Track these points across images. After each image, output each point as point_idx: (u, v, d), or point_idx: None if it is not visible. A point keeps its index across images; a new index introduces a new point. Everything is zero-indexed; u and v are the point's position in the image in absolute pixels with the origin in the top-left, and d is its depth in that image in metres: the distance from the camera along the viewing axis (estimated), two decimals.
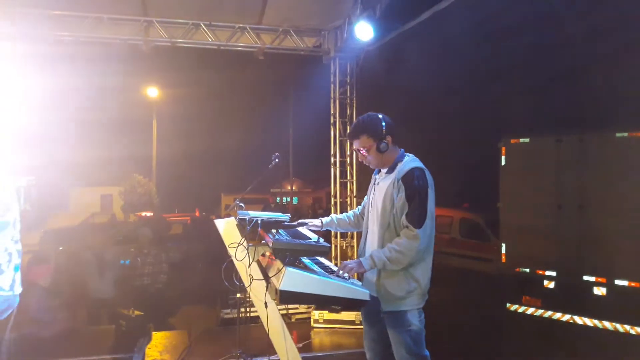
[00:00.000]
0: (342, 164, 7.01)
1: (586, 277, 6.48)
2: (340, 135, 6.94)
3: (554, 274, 6.85)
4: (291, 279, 2.53)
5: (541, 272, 6.96)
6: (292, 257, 2.69)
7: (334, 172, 6.99)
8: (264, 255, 3.08)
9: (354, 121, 4.57)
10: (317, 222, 3.36)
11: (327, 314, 6.18)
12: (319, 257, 3.05)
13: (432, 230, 2.85)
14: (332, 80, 6.97)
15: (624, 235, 6.15)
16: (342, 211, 6.54)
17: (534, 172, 7.18)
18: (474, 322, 6.62)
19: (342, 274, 2.72)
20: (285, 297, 2.54)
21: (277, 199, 29.10)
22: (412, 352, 2.83)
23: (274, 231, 2.86)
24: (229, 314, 6.37)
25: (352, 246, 6.91)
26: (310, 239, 2.91)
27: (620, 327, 5.92)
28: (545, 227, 6.89)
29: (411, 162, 2.94)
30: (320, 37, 6.84)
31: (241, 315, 4.87)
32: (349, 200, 6.99)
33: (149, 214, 18.80)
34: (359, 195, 6.82)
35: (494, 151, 7.62)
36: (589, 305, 6.37)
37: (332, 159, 7.00)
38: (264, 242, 2.90)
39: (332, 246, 6.80)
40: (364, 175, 6.75)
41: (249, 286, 3.08)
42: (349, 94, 6.96)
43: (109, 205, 24.34)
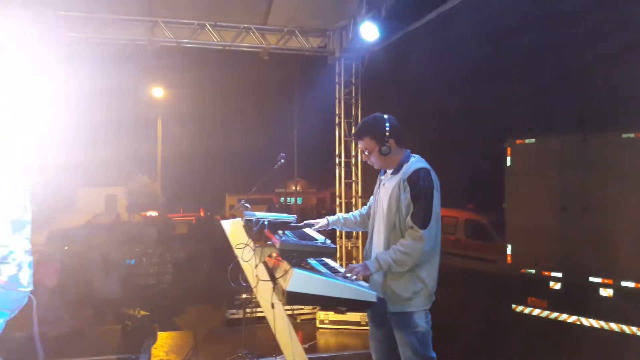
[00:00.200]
0: (347, 165, 7.00)
1: (592, 279, 6.45)
2: (345, 135, 6.94)
3: (560, 275, 6.82)
4: (298, 280, 2.53)
5: (547, 273, 6.93)
6: (299, 258, 2.70)
7: (339, 172, 6.99)
8: (270, 256, 3.09)
9: (359, 121, 4.56)
10: (323, 222, 3.37)
11: (332, 315, 6.19)
12: (324, 258, 3.06)
13: (437, 231, 2.84)
14: (337, 80, 6.97)
15: (631, 236, 6.12)
16: (347, 212, 6.53)
17: (540, 173, 7.15)
18: (479, 323, 6.60)
19: (350, 276, 2.73)
20: (292, 298, 2.55)
21: (282, 199, 29.12)
22: (419, 354, 2.83)
23: (281, 232, 2.87)
24: (235, 314, 6.37)
25: (357, 247, 6.90)
26: (316, 240, 2.91)
27: (627, 328, 5.89)
28: (551, 228, 6.86)
29: (417, 162, 2.94)
30: (325, 38, 6.84)
31: (247, 315, 4.87)
32: (353, 200, 6.98)
33: (154, 214, 18.84)
34: (364, 195, 6.81)
35: (499, 151, 7.60)
36: (595, 306, 6.34)
37: (337, 160, 6.99)
38: (271, 242, 2.91)
39: (338, 247, 6.79)
40: (369, 175, 6.72)
41: (255, 287, 3.08)
42: (354, 95, 6.96)
43: (114, 205, 24.37)
